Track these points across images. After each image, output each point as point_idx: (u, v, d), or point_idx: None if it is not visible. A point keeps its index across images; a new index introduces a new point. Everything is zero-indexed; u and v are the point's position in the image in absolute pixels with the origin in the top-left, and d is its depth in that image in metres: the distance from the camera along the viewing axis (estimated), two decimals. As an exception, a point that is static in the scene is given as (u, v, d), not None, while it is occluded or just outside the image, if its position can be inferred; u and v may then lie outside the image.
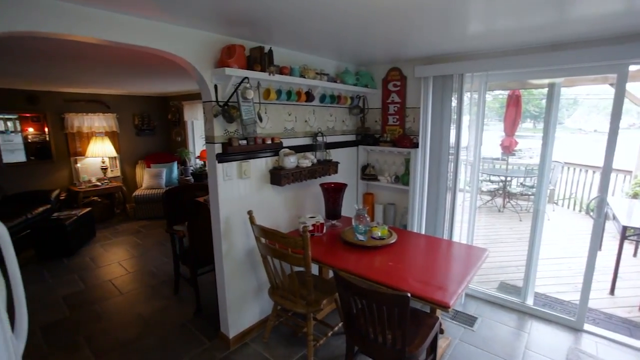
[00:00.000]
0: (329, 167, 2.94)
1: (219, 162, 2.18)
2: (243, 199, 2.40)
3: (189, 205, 2.82)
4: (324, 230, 2.64)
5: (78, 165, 5.69)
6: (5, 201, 4.72)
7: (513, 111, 5.82)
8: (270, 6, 1.64)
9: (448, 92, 2.87)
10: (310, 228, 2.55)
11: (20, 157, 5.16)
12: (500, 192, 6.38)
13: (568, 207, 6.20)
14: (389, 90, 3.35)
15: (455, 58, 2.81)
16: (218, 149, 2.18)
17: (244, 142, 2.27)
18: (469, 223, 3.03)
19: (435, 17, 1.83)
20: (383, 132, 3.45)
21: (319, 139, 2.94)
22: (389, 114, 3.39)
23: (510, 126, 5.99)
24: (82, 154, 5.68)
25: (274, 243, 2.14)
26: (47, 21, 1.48)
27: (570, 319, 2.70)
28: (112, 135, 5.95)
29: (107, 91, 5.74)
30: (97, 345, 2.53)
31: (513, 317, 2.84)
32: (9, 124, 5.06)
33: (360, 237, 2.39)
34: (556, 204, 6.32)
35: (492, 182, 6.63)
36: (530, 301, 2.91)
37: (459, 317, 2.83)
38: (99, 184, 5.61)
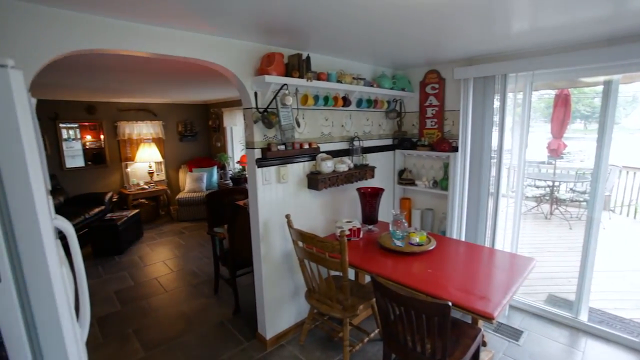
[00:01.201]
0: (366, 171, 2.93)
1: (258, 167, 2.25)
2: (281, 202, 2.45)
3: (229, 208, 2.93)
4: (361, 235, 2.63)
5: (128, 169, 6.10)
6: (67, 202, 5.17)
7: (561, 111, 5.46)
8: (308, 15, 1.68)
9: (490, 94, 2.76)
10: (347, 233, 2.55)
11: (79, 162, 5.64)
12: (547, 198, 6.00)
13: (627, 215, 5.69)
14: (427, 93, 3.28)
15: (498, 58, 2.70)
16: (257, 154, 2.25)
17: (283, 147, 2.33)
18: (513, 230, 2.88)
19: (477, 17, 1.78)
20: (421, 135, 3.38)
21: (356, 143, 2.94)
22: (426, 118, 3.32)
23: (558, 127, 5.63)
24: (132, 159, 6.09)
25: (311, 247, 2.16)
26: (106, 39, 1.62)
27: (633, 339, 2.47)
28: (158, 142, 6.32)
29: (154, 100, 6.13)
30: (145, 338, 2.69)
31: (564, 333, 2.65)
32: (71, 132, 5.55)
33: (398, 243, 2.35)
34: (612, 211, 5.82)
35: (537, 187, 6.25)
36: (584, 317, 2.70)
37: (503, 330, 2.69)
38: (146, 187, 5.98)
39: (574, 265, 2.82)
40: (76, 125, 5.57)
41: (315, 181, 2.53)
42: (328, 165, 2.59)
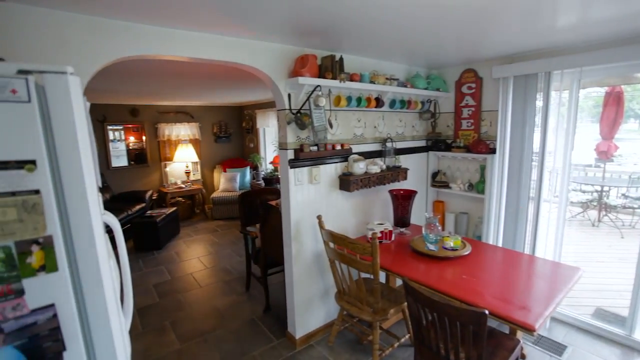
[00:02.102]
0: (398, 173, 2.88)
1: (291, 168, 2.28)
2: (313, 203, 2.47)
3: (261, 207, 2.99)
4: (392, 238, 2.59)
5: (167, 169, 6.40)
6: (112, 199, 5.51)
7: (612, 111, 5.08)
8: (342, 17, 1.68)
9: (531, 93, 2.62)
10: (379, 235, 2.52)
11: (123, 162, 6.00)
12: (595, 203, 5.59)
13: (688, 225, 5.18)
14: (463, 93, 3.17)
15: (540, 55, 2.56)
16: (290, 154, 2.28)
17: (315, 148, 2.34)
18: (556, 237, 2.71)
19: (520, 12, 1.70)
20: (456, 137, 3.28)
21: (388, 144, 2.90)
22: (462, 118, 3.22)
23: (609, 128, 5.23)
24: (170, 159, 6.38)
25: (342, 248, 2.16)
26: (149, 45, 1.71)
27: (693, 359, 2.24)
28: (194, 142, 6.58)
29: (191, 103, 6.39)
30: (180, 331, 2.81)
31: (615, 352, 2.45)
32: (117, 133, 5.91)
33: (431, 247, 2.29)
34: (671, 219, 5.33)
35: (584, 192, 5.85)
36: (639, 335, 2.49)
37: (544, 343, 2.54)
38: (183, 186, 6.24)
39: (627, 277, 2.60)
40: (121, 127, 5.93)
41: (347, 182, 2.53)
42: (360, 167, 2.58)
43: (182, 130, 6.43)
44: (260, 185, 5.86)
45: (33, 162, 0.73)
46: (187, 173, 6.45)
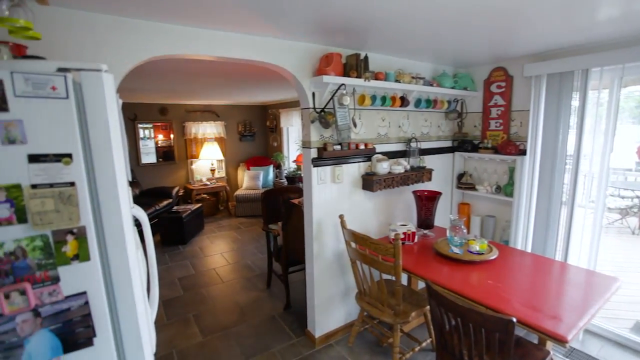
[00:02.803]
0: (423, 174, 2.82)
1: (314, 166, 2.29)
2: (335, 202, 2.46)
3: (284, 205, 3.01)
4: (415, 240, 2.54)
5: (193, 166, 6.58)
6: (141, 194, 5.73)
7: (657, 112, 4.76)
8: (368, 14, 1.66)
9: (566, 92, 2.49)
10: (402, 236, 2.48)
11: (152, 159, 6.22)
12: (636, 210, 5.26)
13: None
14: (492, 93, 3.07)
15: (577, 51, 2.43)
16: (314, 153, 2.28)
17: (338, 147, 2.34)
18: (592, 245, 2.57)
19: (554, 6, 1.62)
20: (483, 137, 3.18)
21: (413, 144, 2.85)
22: (490, 118, 3.11)
23: (652, 131, 4.91)
24: (196, 156, 6.56)
25: (364, 248, 2.14)
26: (177, 45, 1.76)
27: None
28: (220, 141, 6.73)
29: (217, 102, 6.54)
30: (203, 324, 2.88)
31: (653, 366, 2.30)
32: (146, 132, 6.14)
33: (456, 250, 2.23)
34: None
35: (623, 197, 5.51)
36: (680, 349, 2.32)
37: (576, 356, 2.41)
38: (208, 183, 6.40)
39: (669, 289, 2.43)
40: (150, 126, 6.15)
41: (370, 182, 2.50)
42: (383, 167, 2.54)
43: (208, 129, 6.59)
44: (283, 184, 5.91)
45: (69, 156, 0.77)
46: (212, 170, 6.61)
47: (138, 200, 5.40)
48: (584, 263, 2.60)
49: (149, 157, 6.19)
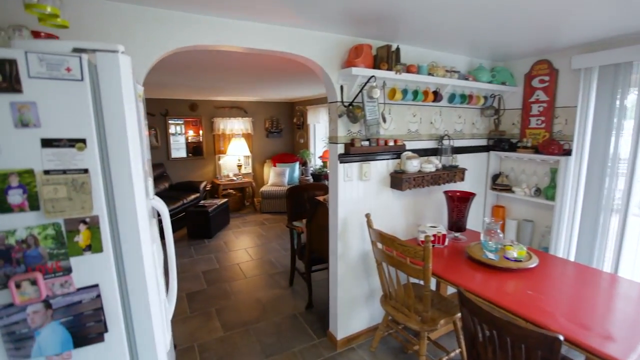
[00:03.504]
0: (455, 173, 2.66)
1: (340, 163, 2.20)
2: (361, 201, 2.37)
3: (309, 203, 2.95)
4: (446, 243, 2.39)
5: (220, 161, 6.68)
6: (170, 188, 5.87)
7: None
8: (400, 2, 1.55)
9: (622, 86, 2.26)
10: (432, 238, 2.35)
11: (182, 153, 6.36)
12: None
13: None
14: (533, 88, 2.85)
15: (636, 40, 2.19)
16: (340, 149, 2.20)
17: (366, 143, 2.24)
18: (646, 256, 2.32)
19: (618, -11, 1.44)
20: (522, 136, 2.96)
21: (445, 142, 2.70)
22: (531, 115, 2.89)
23: None
24: (224, 152, 6.64)
25: (391, 250, 2.03)
26: (205, 35, 1.73)
27: None
28: (247, 137, 6.78)
29: (245, 98, 6.59)
30: (224, 319, 2.87)
31: None
32: (177, 128, 6.28)
33: (491, 256, 2.07)
34: None
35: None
36: None
37: (624, 376, 2.18)
38: (234, 178, 6.46)
39: None
40: (181, 122, 6.28)
41: (398, 180, 2.38)
42: (414, 165, 2.42)
43: (236, 125, 6.65)
44: (309, 181, 5.87)
45: (83, 141, 0.73)
46: (239, 166, 6.67)
47: (167, 193, 5.54)
48: (639, 276, 2.35)
49: (179, 152, 6.34)
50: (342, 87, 2.15)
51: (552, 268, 2.04)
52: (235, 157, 6.68)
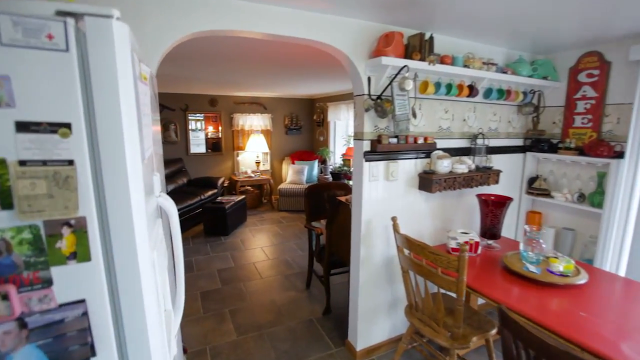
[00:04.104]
0: (489, 175, 2.44)
1: (365, 161, 2.03)
2: (387, 202, 2.19)
3: (328, 202, 2.80)
4: (478, 251, 2.19)
5: (239, 158, 6.61)
6: (189, 183, 5.85)
7: None
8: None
9: (690, 81, 1.99)
10: (467, 248, 2.14)
11: (202, 149, 6.33)
12: None
13: None
14: (579, 83, 2.58)
15: None
16: (366, 146, 2.03)
17: (394, 140, 2.06)
18: None
19: None
20: (564, 136, 2.70)
21: (479, 141, 2.48)
22: (575, 113, 2.63)
23: None
24: (242, 148, 6.57)
25: (420, 258, 1.85)
26: (223, 20, 1.59)
27: None
28: (266, 133, 6.69)
29: (265, 94, 6.49)
30: (238, 321, 2.76)
31: None
32: (198, 124, 6.25)
33: (532, 268, 1.86)
34: None
35: None
36: None
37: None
38: (252, 175, 6.38)
39: None
40: (202, 118, 6.24)
41: (428, 182, 2.19)
42: (444, 165, 2.22)
43: (255, 121, 6.57)
44: (328, 180, 5.71)
45: (68, 126, 0.60)
46: (257, 163, 6.59)
47: (185, 188, 5.51)
48: (699, 296, 2.07)
49: (199, 147, 6.31)
50: (369, 79, 1.98)
51: (606, 285, 1.81)
52: (253, 154, 6.60)
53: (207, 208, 4.84)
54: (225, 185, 6.30)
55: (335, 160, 6.47)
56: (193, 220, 5.07)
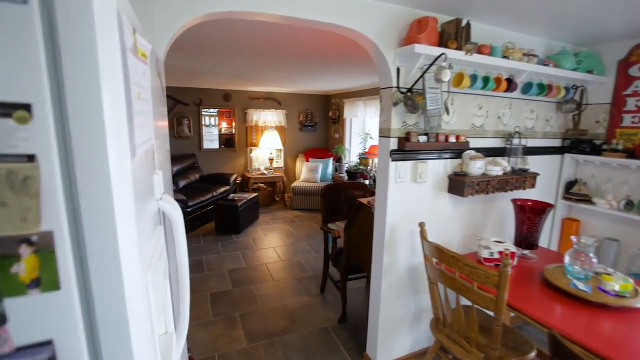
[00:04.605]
0: (526, 179, 2.22)
1: (392, 161, 1.84)
2: (413, 206, 1.99)
3: (346, 204, 2.62)
4: (514, 262, 1.97)
5: (252, 154, 6.48)
6: (201, 179, 5.75)
7: None
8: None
9: None
10: (497, 256, 1.94)
11: (215, 145, 6.23)
12: None
13: None
14: (630, 78, 2.33)
15: None
16: (393, 144, 1.84)
17: (424, 138, 1.86)
18: None
19: None
20: (611, 137, 2.45)
21: (516, 141, 2.26)
22: (625, 112, 2.37)
23: None
24: (256, 145, 6.44)
25: (453, 270, 1.65)
26: (237, 0, 1.42)
27: None
28: (280, 130, 6.54)
29: (280, 89, 6.34)
30: (249, 327, 2.61)
31: None
32: (212, 120, 6.14)
33: (581, 286, 1.64)
34: None
35: None
36: None
37: None
38: (265, 172, 6.24)
39: None
40: (216, 113, 6.12)
41: (460, 185, 1.99)
42: (478, 167, 2.01)
43: (270, 117, 6.43)
44: (343, 179, 5.52)
45: (27, 108, 0.43)
46: (271, 160, 6.45)
47: (197, 185, 5.41)
48: None
49: (213, 143, 6.20)
50: (398, 70, 1.79)
51: (666, 308, 1.58)
52: (267, 151, 6.46)
53: (219, 205, 4.72)
54: (237, 182, 6.19)
55: (350, 158, 6.27)
56: (205, 218, 4.97)
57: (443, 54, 1.64)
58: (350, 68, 3.74)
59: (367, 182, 4.83)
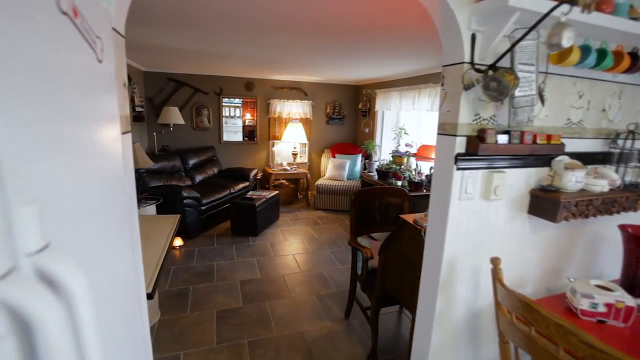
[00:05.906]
0: (638, 197, 1.59)
1: (457, 169, 1.29)
2: (481, 232, 1.44)
3: (381, 213, 2.09)
4: (630, 319, 1.37)
5: (274, 148, 6.04)
6: (219, 174, 5.38)
7: None
8: None
9: None
10: (602, 309, 1.35)
11: (239, 137, 5.83)
12: None
13: None
14: None
15: None
16: (460, 145, 1.28)
17: (504, 137, 1.29)
18: None
19: None
20: None
21: (627, 143, 1.63)
22: None
23: None
24: (279, 138, 5.98)
25: (556, 342, 1.09)
26: None
27: None
28: (305, 122, 6.04)
29: (306, 78, 5.83)
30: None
31: None
32: (233, 110, 5.72)
33: None
34: None
35: None
36: None
37: None
38: (288, 168, 5.78)
39: None
40: (239, 104, 5.70)
41: (551, 205, 1.40)
42: (576, 179, 1.42)
43: (294, 108, 5.94)
44: (372, 178, 4.94)
45: None
46: (294, 155, 5.98)
47: (214, 180, 5.04)
48: None
49: (236, 135, 5.81)
50: (473, 37, 1.22)
51: None
52: (290, 144, 5.99)
53: (236, 204, 4.31)
54: (258, 177, 5.77)
55: (381, 155, 5.68)
56: (220, 217, 4.58)
57: (562, 2, 1.05)
58: (391, 50, 3.17)
59: (399, 183, 4.25)
